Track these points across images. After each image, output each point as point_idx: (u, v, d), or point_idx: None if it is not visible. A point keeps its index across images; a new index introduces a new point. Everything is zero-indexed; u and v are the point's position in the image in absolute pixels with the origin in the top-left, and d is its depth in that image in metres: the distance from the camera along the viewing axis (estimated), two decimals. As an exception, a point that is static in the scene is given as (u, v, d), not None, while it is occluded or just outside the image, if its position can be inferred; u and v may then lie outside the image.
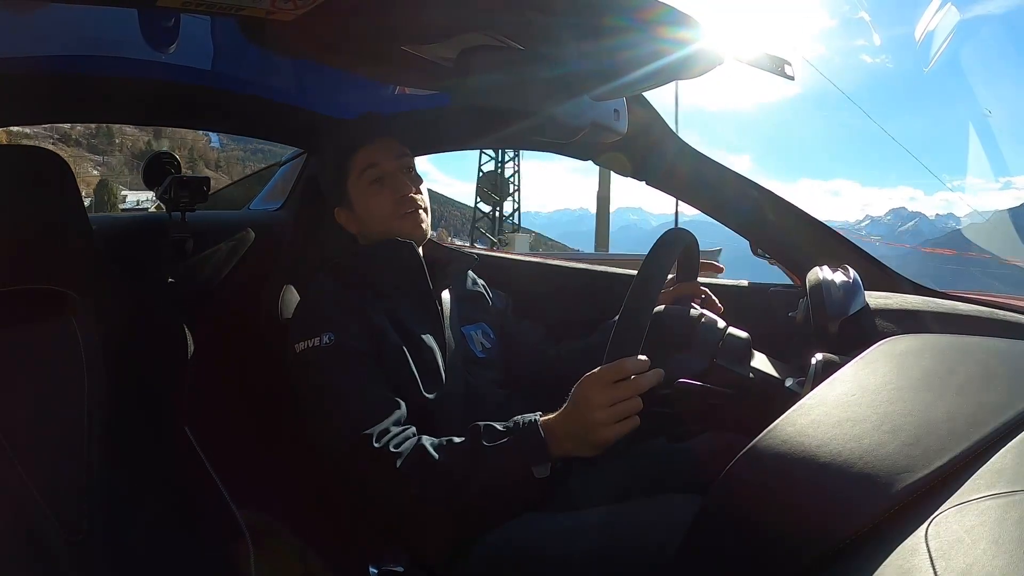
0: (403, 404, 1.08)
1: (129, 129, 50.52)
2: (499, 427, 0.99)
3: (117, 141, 58.73)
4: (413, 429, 1.05)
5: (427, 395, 1.13)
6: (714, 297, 1.26)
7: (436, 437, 1.05)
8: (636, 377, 0.91)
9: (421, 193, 1.23)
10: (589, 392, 0.93)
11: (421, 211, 1.21)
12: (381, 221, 1.21)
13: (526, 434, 0.96)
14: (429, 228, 1.24)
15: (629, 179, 1.50)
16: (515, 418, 0.99)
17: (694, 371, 0.94)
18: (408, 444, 1.01)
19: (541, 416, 0.98)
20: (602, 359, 0.93)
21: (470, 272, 1.36)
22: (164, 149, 1.39)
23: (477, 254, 1.34)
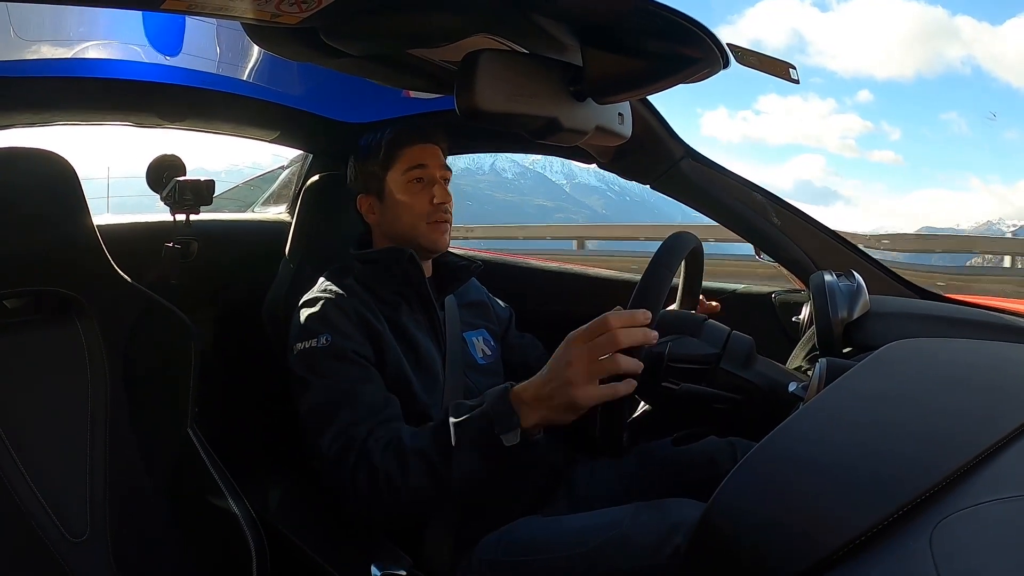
0: (396, 402, 1.07)
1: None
2: (469, 402, 0.95)
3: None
4: (401, 424, 1.03)
5: (426, 399, 1.13)
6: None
7: None
8: (620, 330, 0.83)
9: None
10: (567, 347, 0.87)
11: (449, 224, 1.23)
12: (411, 219, 1.21)
13: (494, 402, 0.91)
14: (449, 241, 1.26)
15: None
16: (489, 390, 0.95)
17: (704, 354, 0.93)
18: (387, 435, 0.99)
19: (514, 384, 0.92)
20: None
21: (474, 279, 1.36)
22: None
23: (482, 260, 1.35)
